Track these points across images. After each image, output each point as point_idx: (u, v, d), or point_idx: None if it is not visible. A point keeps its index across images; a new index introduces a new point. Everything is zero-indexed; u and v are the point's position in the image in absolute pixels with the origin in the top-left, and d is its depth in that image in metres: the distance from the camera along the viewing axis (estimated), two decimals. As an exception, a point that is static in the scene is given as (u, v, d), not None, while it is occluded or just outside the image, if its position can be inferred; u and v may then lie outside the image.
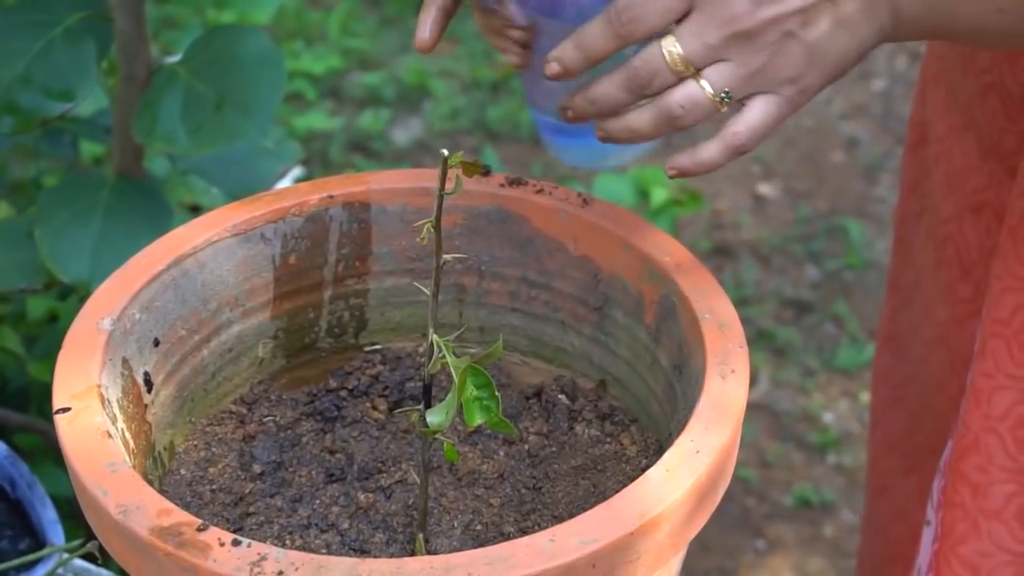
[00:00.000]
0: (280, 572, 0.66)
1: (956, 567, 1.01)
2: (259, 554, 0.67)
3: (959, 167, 1.11)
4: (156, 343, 0.85)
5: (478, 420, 0.74)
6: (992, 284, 0.96)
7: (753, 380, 2.45)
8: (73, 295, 1.42)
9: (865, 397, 2.37)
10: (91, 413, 0.75)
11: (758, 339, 2.52)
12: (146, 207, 1.23)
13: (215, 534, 0.68)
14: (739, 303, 2.60)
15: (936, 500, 1.05)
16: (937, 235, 1.16)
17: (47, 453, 1.46)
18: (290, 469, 0.88)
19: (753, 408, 2.39)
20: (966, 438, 1.00)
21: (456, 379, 0.74)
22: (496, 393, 0.74)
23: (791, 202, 2.87)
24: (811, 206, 2.85)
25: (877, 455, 1.36)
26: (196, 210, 1.75)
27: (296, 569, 0.66)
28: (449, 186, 0.74)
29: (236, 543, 0.68)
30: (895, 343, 1.31)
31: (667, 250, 0.86)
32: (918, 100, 1.22)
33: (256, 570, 0.66)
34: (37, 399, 1.48)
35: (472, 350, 0.95)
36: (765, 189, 2.91)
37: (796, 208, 2.85)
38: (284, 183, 1.71)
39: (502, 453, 0.90)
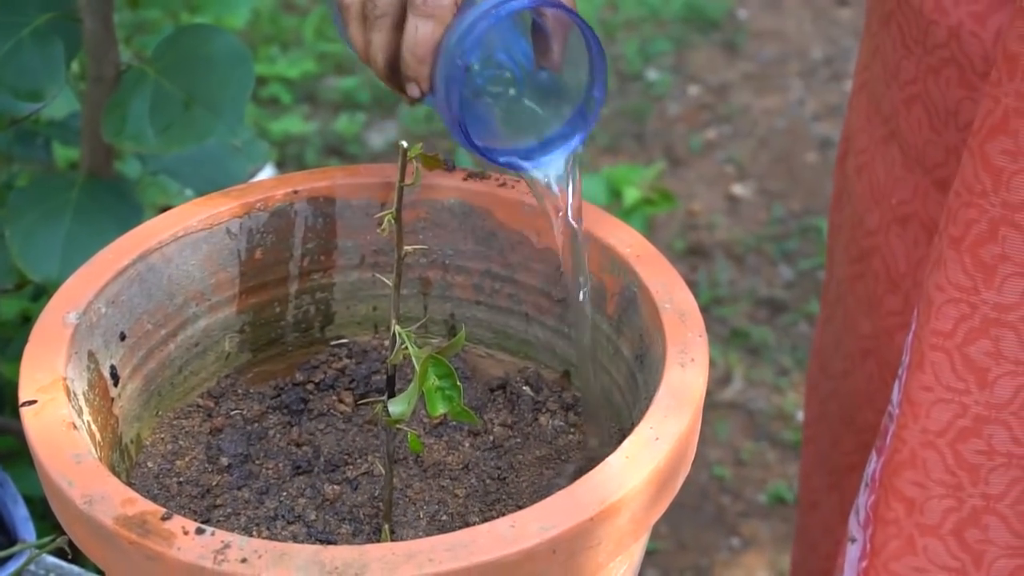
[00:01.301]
0: (244, 559, 0.67)
1: None
2: (223, 542, 0.68)
3: (883, 179, 1.10)
4: (122, 337, 0.85)
5: (440, 410, 0.75)
6: (932, 296, 0.95)
7: (727, 379, 2.46)
8: (44, 296, 1.42)
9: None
10: (57, 405, 0.76)
11: (732, 338, 2.54)
12: (116, 207, 1.24)
13: (179, 523, 0.69)
14: (713, 303, 2.61)
15: (864, 516, 1.04)
16: (860, 247, 1.15)
17: (22, 455, 1.46)
18: (257, 462, 0.88)
19: (727, 407, 2.41)
20: (900, 453, 0.99)
21: (418, 369, 0.75)
22: (458, 383, 0.75)
23: (765, 202, 2.89)
24: (785, 206, 2.87)
25: (808, 470, 1.37)
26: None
27: (259, 557, 0.67)
28: (409, 179, 0.74)
29: (200, 531, 0.68)
30: (821, 357, 1.31)
31: (627, 241, 0.87)
32: (848, 114, 1.22)
33: (220, 558, 0.67)
34: (11, 401, 1.48)
35: (434, 341, 0.96)
36: (739, 190, 2.93)
37: (770, 208, 2.87)
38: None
39: (467, 444, 0.90)
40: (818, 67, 3.21)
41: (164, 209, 1.74)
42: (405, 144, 0.74)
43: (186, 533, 0.68)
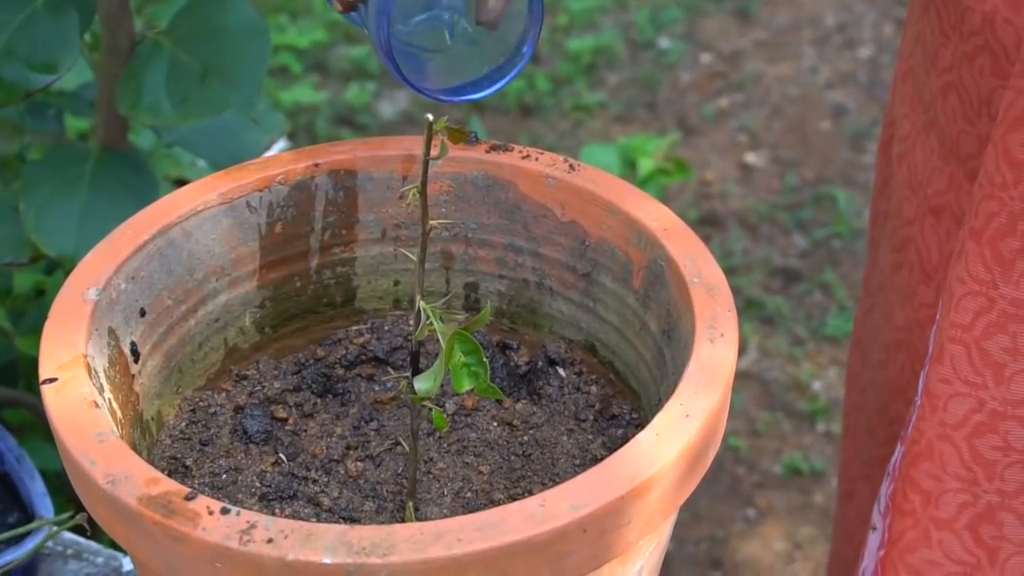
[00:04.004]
0: (270, 540, 0.66)
1: (903, 575, 1.00)
2: (248, 522, 0.67)
3: (921, 168, 1.08)
4: (142, 313, 0.84)
5: (466, 386, 0.74)
6: (953, 288, 0.94)
7: (742, 349, 2.45)
8: (59, 269, 1.41)
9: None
10: (78, 383, 0.75)
11: (747, 308, 2.53)
12: (131, 180, 1.22)
13: (204, 502, 0.68)
14: (727, 273, 2.59)
15: (884, 505, 1.03)
16: (898, 237, 1.14)
17: (36, 428, 1.45)
18: (278, 439, 0.88)
19: (742, 377, 2.39)
20: (919, 444, 0.98)
21: (444, 345, 0.74)
22: (484, 359, 0.74)
23: (778, 171, 2.87)
24: (798, 175, 2.85)
25: (846, 460, 1.35)
26: (182, 184, 1.73)
27: (286, 537, 0.66)
28: (434, 152, 0.73)
29: (225, 511, 0.67)
30: (861, 347, 1.29)
31: (654, 214, 0.86)
32: (891, 99, 1.20)
33: (245, 538, 0.66)
34: (25, 374, 1.48)
35: (459, 317, 0.95)
36: (752, 158, 2.91)
37: (783, 177, 2.85)
38: (270, 155, 1.70)
39: (492, 421, 0.89)
40: (831, 34, 3.19)
41: (177, 181, 1.74)
42: (431, 117, 0.73)
43: (211, 513, 0.67)
